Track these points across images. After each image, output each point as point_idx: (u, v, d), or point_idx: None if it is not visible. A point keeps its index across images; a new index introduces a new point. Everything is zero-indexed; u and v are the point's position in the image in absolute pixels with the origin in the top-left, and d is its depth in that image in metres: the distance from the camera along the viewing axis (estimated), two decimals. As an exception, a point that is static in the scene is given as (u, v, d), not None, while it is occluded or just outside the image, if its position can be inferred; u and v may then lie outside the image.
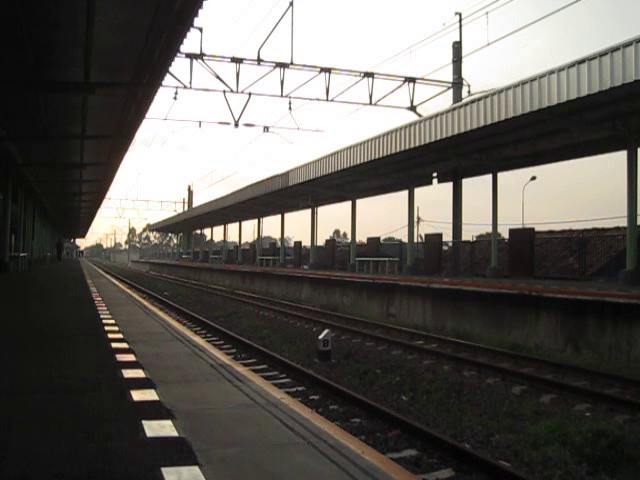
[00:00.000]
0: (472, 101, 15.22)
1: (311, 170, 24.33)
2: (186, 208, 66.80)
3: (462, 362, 10.97)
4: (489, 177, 20.09)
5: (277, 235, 53.06)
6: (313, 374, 9.38)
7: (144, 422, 3.54)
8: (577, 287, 13.57)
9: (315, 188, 27.14)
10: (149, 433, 3.37)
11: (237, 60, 19.66)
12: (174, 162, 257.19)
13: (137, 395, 4.24)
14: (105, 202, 50.35)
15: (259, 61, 19.72)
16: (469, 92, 21.97)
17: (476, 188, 35.10)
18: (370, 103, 21.76)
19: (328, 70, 20.64)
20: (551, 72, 12.44)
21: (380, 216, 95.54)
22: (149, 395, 4.26)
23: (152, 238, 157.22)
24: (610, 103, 13.07)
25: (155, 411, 3.83)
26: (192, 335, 8.07)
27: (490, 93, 14.33)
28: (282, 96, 20.72)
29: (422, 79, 22.18)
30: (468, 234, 29.09)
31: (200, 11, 9.44)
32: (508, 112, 13.67)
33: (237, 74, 19.84)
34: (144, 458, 2.97)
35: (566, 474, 5.52)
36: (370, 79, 21.26)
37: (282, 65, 19.97)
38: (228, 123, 22.75)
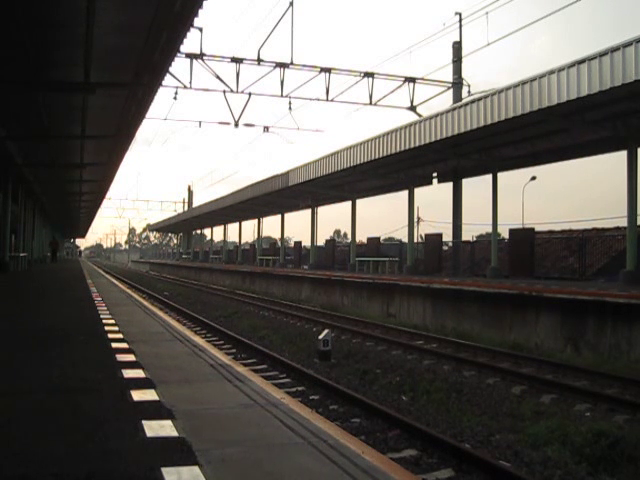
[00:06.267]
0: (472, 101, 15.23)
1: (311, 170, 24.32)
2: (186, 208, 66.77)
3: (462, 362, 10.96)
4: (489, 177, 20.10)
5: (277, 235, 53.00)
6: (313, 374, 9.38)
7: (144, 422, 3.53)
8: (577, 287, 13.56)
9: (315, 188, 27.13)
10: (149, 433, 3.36)
11: (237, 60, 19.68)
12: (174, 162, 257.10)
13: (137, 395, 4.23)
14: (105, 202, 50.32)
15: (259, 61, 19.74)
16: (469, 92, 22.01)
17: (476, 188, 35.20)
18: (370, 103, 21.79)
19: (328, 70, 20.66)
20: (551, 72, 12.45)
21: (380, 216, 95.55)
22: (149, 395, 4.25)
23: (152, 238, 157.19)
24: (610, 103, 13.07)
25: (155, 411, 3.82)
26: (192, 335, 8.07)
27: (490, 93, 14.33)
28: (282, 96, 20.74)
29: (422, 79, 22.21)
30: (468, 234, 29.10)
31: (200, 11, 9.46)
32: (508, 112, 13.68)
33: (237, 74, 19.88)
34: (144, 458, 2.96)
35: (566, 474, 5.52)
36: (370, 79, 21.28)
37: (282, 65, 19.98)
38: (228, 123, 22.80)
